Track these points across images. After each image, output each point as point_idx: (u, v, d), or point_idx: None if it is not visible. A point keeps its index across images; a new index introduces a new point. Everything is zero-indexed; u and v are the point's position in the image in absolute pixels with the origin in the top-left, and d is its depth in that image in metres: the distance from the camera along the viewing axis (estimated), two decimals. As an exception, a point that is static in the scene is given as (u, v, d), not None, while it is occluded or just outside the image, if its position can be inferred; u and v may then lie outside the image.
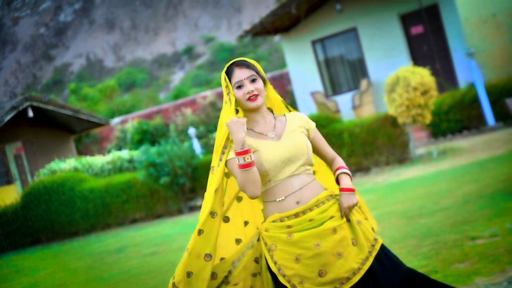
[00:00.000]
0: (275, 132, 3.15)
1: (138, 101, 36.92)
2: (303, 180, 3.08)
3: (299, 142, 3.11)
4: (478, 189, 8.04)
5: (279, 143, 3.10)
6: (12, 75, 75.30)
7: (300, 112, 3.28)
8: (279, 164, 3.06)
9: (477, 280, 4.68)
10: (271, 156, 3.06)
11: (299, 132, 3.16)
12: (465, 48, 15.89)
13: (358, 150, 12.62)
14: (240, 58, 3.18)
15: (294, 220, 3.03)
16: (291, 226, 3.03)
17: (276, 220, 3.06)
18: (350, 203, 3.13)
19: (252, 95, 3.11)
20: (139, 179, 13.64)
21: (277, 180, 3.07)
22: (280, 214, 3.05)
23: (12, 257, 13.20)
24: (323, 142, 3.27)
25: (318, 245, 2.99)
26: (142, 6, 77.94)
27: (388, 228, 7.16)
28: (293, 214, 3.04)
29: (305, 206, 3.04)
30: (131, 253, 9.83)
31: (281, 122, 3.20)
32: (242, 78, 3.11)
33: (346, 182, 3.19)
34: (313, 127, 3.23)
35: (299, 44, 18.99)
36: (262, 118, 3.18)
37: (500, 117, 13.81)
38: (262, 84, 3.15)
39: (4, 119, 18.43)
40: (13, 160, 20.17)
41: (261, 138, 3.14)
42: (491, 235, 5.76)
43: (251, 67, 3.14)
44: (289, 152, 3.07)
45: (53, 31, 79.79)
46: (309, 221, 3.03)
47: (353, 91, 18.29)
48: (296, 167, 3.07)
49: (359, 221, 3.13)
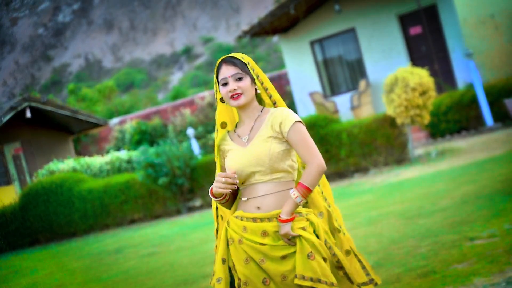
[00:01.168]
0: (249, 135, 3.09)
1: (137, 101, 36.88)
2: (268, 188, 3.01)
3: (260, 151, 3.01)
4: (476, 190, 8.04)
5: (244, 150, 3.05)
6: (10, 75, 75.24)
7: (283, 109, 3.06)
8: (240, 172, 3.03)
9: (475, 281, 4.68)
10: (234, 165, 3.05)
11: (267, 137, 3.02)
12: (464, 48, 15.90)
13: (357, 150, 12.62)
14: (230, 55, 3.12)
15: (251, 224, 3.00)
16: (246, 229, 3.01)
17: (238, 217, 3.06)
18: (282, 233, 2.95)
19: (234, 94, 3.05)
20: (137, 179, 13.64)
21: (245, 184, 3.07)
22: (243, 213, 3.05)
23: (11, 257, 13.19)
24: (299, 146, 3.00)
25: (263, 261, 2.96)
26: (141, 7, 77.91)
27: (386, 229, 7.16)
28: (251, 217, 3.01)
29: (265, 214, 2.99)
30: (130, 254, 9.82)
31: (260, 122, 3.09)
32: (227, 75, 3.06)
33: (284, 209, 2.95)
34: (286, 129, 3.00)
35: (297, 44, 18.99)
36: (247, 118, 3.12)
37: (498, 118, 13.81)
38: (248, 82, 3.07)
39: (3, 119, 18.42)
40: (11, 160, 20.16)
41: (236, 141, 3.12)
42: (490, 236, 5.76)
43: (238, 64, 3.07)
44: (249, 162, 3.02)
45: (51, 32, 79.75)
46: (261, 234, 2.98)
47: (352, 91, 18.30)
48: (258, 175, 3.01)
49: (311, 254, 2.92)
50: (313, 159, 2.97)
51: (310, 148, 2.99)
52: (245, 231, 3.01)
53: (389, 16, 17.47)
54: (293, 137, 3.00)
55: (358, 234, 7.28)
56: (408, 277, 5.14)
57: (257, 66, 3.16)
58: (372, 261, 5.90)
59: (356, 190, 10.95)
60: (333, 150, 12.77)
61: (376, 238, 6.82)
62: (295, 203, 2.95)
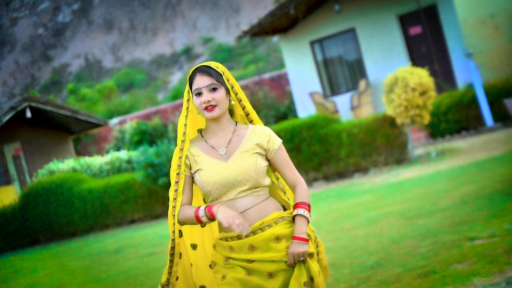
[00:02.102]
0: (227, 148, 2.98)
1: (137, 101, 36.86)
2: (248, 202, 2.93)
3: (247, 166, 2.92)
4: (476, 190, 8.05)
5: (225, 164, 2.94)
6: (10, 75, 75.25)
7: (266, 128, 3.04)
8: (221, 187, 2.92)
9: (475, 281, 4.68)
10: (213, 179, 2.92)
11: (252, 153, 2.96)
12: (464, 48, 15.90)
13: (357, 150, 12.62)
14: (205, 64, 3.01)
15: (237, 242, 2.93)
16: (232, 248, 2.94)
17: (222, 238, 2.99)
18: (296, 251, 2.89)
19: (209, 105, 2.94)
20: (137, 179, 13.64)
21: (220, 201, 2.95)
22: (226, 234, 2.97)
23: (11, 257, 13.18)
24: (285, 165, 3.02)
25: (249, 274, 2.91)
26: (141, 7, 77.92)
27: (386, 229, 7.16)
28: (235, 236, 2.94)
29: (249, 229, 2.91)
30: (130, 254, 9.82)
31: (239, 137, 3.00)
32: (201, 86, 2.94)
33: (299, 229, 2.92)
34: (275, 147, 3.00)
35: (297, 44, 19.00)
36: (221, 130, 3.01)
37: (498, 118, 13.81)
38: (223, 93, 2.96)
39: (3, 119, 18.42)
40: (11, 160, 20.16)
41: (211, 154, 2.98)
42: (490, 236, 5.77)
43: (213, 75, 2.96)
44: (234, 177, 2.91)
45: (51, 32, 79.76)
46: (249, 248, 2.91)
47: (352, 91, 18.30)
48: (240, 190, 2.93)
49: (306, 284, 2.90)
50: (300, 179, 3.03)
51: (294, 169, 3.04)
52: (232, 251, 2.95)
53: (389, 16, 17.47)
54: (280, 156, 3.01)
55: (358, 234, 7.28)
56: (408, 277, 5.14)
57: (231, 76, 3.07)
58: (372, 261, 5.90)
59: (356, 190, 10.95)
60: (333, 150, 12.77)
61: (376, 238, 6.82)
62: (306, 218, 2.94)
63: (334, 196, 10.93)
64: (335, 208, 9.59)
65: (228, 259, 2.94)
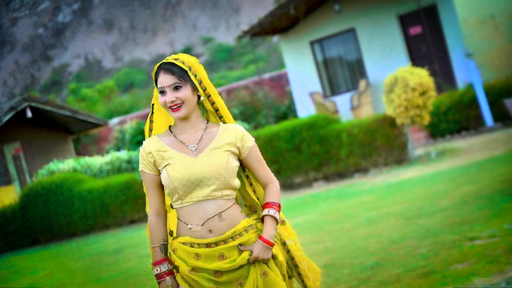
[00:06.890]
0: (198, 145, 2.84)
1: (137, 101, 36.84)
2: (218, 206, 2.80)
3: (217, 163, 2.79)
4: (476, 190, 8.05)
5: (195, 160, 2.80)
6: (10, 75, 75.27)
7: (239, 126, 2.92)
8: (188, 184, 2.77)
9: (475, 281, 4.68)
10: (180, 174, 2.77)
11: (224, 150, 2.83)
12: (464, 48, 15.90)
13: (357, 150, 12.62)
14: (170, 60, 2.84)
15: (205, 250, 2.79)
16: (199, 256, 2.79)
17: (187, 243, 2.82)
18: (261, 257, 2.81)
19: (173, 105, 2.81)
20: (137, 179, 13.64)
21: (188, 202, 2.81)
22: (192, 239, 2.81)
23: (11, 257, 13.18)
24: (258, 164, 2.93)
25: (216, 282, 2.81)
26: (141, 7, 77.94)
27: (386, 229, 7.16)
28: (204, 243, 2.79)
29: (219, 237, 2.79)
30: (130, 254, 9.82)
31: (210, 134, 2.87)
32: (164, 85, 2.80)
33: (268, 232, 2.83)
34: (248, 145, 2.90)
35: (297, 44, 19.00)
36: (191, 127, 2.88)
37: (498, 118, 13.82)
38: (188, 91, 2.81)
39: (3, 119, 18.42)
40: (11, 160, 20.16)
41: (180, 149, 2.84)
42: (490, 236, 5.77)
43: (176, 73, 2.80)
44: (202, 173, 2.77)
45: (51, 32, 79.79)
46: (219, 257, 2.79)
47: (352, 91, 18.30)
48: (209, 191, 2.78)
49: (265, 272, 2.84)
50: (272, 178, 2.96)
51: (267, 168, 2.97)
52: (199, 259, 2.80)
53: (389, 16, 17.47)
54: (253, 155, 2.92)
55: (358, 234, 7.28)
56: (408, 278, 5.14)
57: (201, 70, 2.90)
58: (372, 261, 5.90)
59: (356, 190, 10.95)
60: (333, 150, 12.77)
61: (376, 239, 6.82)
62: (276, 223, 2.87)
63: (334, 196, 10.93)
64: (335, 208, 9.59)
65: (194, 269, 2.81)
